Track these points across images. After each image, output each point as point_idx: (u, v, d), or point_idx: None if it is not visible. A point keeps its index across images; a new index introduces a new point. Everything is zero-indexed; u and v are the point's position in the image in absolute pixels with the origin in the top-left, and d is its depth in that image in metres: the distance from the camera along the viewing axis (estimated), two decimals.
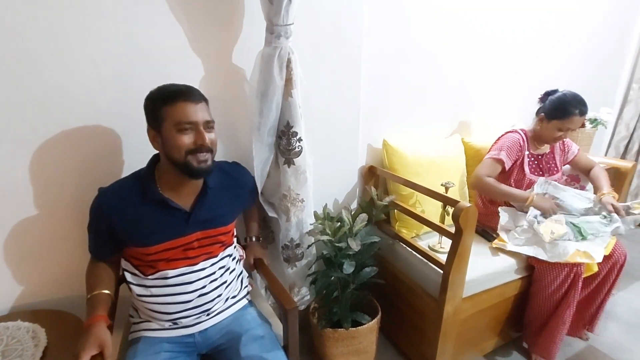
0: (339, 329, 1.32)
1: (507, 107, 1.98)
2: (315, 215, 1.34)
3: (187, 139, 0.84)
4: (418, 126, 1.72)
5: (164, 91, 0.86)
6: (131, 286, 0.94)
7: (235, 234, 1.13)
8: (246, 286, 1.13)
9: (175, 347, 0.92)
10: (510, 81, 1.94)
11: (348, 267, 1.23)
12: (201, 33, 1.11)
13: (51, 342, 0.94)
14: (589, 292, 1.44)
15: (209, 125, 0.89)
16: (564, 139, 1.60)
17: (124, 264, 0.96)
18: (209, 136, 0.87)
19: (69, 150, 1.03)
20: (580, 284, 1.29)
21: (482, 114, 1.91)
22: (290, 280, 1.40)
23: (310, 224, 1.32)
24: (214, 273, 0.97)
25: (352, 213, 1.36)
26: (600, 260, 1.27)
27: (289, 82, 1.05)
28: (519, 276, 1.40)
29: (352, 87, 1.43)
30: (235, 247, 1.12)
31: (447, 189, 1.39)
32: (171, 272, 0.92)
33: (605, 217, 1.41)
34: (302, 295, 1.44)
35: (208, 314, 0.97)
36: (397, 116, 1.64)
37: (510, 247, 1.39)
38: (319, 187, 1.45)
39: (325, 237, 1.28)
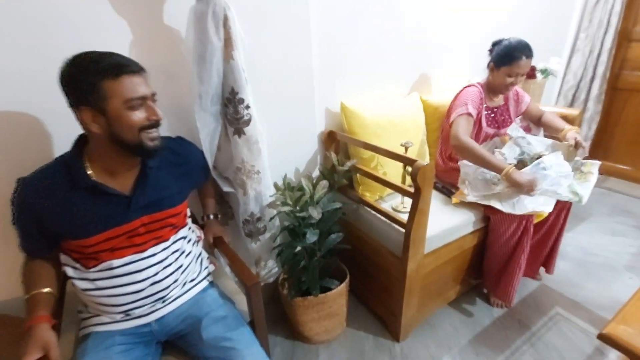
0: (309, 297, 1.33)
1: (463, 62, 1.96)
2: (276, 186, 1.29)
3: (138, 116, 0.77)
4: (376, 87, 1.66)
5: (98, 63, 0.73)
6: (74, 281, 0.86)
7: (189, 214, 1.06)
8: (206, 267, 1.08)
9: (130, 339, 0.87)
10: (464, 36, 1.90)
11: (311, 236, 1.21)
12: None
13: None
14: (541, 236, 1.54)
15: (154, 97, 0.82)
16: (517, 88, 1.62)
17: (64, 258, 0.87)
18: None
19: None
20: (531, 230, 1.36)
21: (439, 70, 1.89)
22: (255, 255, 1.36)
23: (270, 196, 1.27)
24: (166, 258, 0.91)
25: (314, 181, 1.33)
26: (550, 210, 1.34)
27: (228, 42, 0.95)
28: (476, 228, 1.45)
29: (303, 47, 1.33)
30: (190, 228, 1.05)
31: (406, 148, 1.38)
32: (117, 262, 0.84)
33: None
34: (270, 268, 1.42)
35: (164, 301, 0.92)
36: (353, 77, 1.57)
37: (470, 198, 1.42)
38: (276, 157, 1.39)
39: (286, 208, 1.25)
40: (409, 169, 1.18)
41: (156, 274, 0.88)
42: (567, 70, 2.64)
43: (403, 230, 1.23)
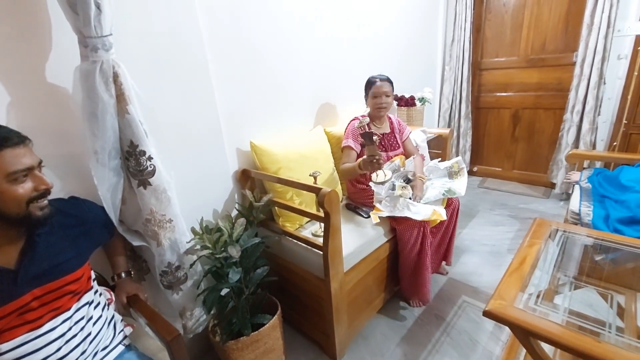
0: (241, 338, 1.31)
1: (355, 95, 2.23)
2: (193, 231, 1.28)
3: (25, 188, 0.74)
4: (282, 124, 1.80)
5: None
6: None
7: (93, 277, 0.99)
8: (121, 331, 1.01)
9: None
10: (355, 72, 2.18)
11: (234, 275, 1.22)
12: None
13: None
14: (441, 236, 1.79)
15: (41, 165, 0.80)
16: (400, 120, 1.93)
17: None
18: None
19: None
20: (429, 234, 1.58)
21: (339, 104, 2.12)
22: (179, 306, 1.31)
23: (187, 242, 1.25)
24: (69, 330, 0.83)
25: (234, 220, 1.35)
26: (446, 218, 1.60)
27: (121, 97, 0.96)
28: (387, 239, 1.63)
29: (205, 94, 1.39)
30: (97, 291, 0.98)
31: (315, 178, 1.50)
32: (6, 346, 0.75)
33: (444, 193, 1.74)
34: (197, 317, 1.37)
35: None
36: (259, 117, 1.68)
37: (385, 213, 1.59)
38: (190, 201, 1.39)
39: (206, 252, 1.24)
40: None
41: (58, 349, 0.80)
42: (441, 97, 3.19)
43: (321, 253, 1.32)
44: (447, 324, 1.64)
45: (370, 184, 1.65)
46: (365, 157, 1.47)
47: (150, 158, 1.04)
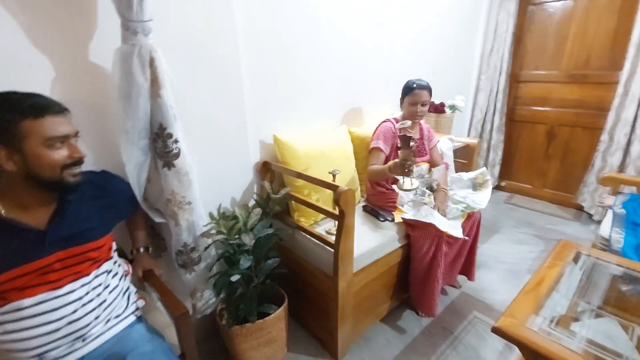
0: (246, 324, 1.34)
1: (386, 97, 2.21)
2: (210, 216, 1.32)
3: (60, 154, 0.80)
4: (307, 120, 1.81)
5: (20, 103, 0.76)
6: None
7: (114, 248, 1.04)
8: (134, 302, 1.06)
9: None
10: (386, 75, 2.17)
11: (245, 262, 1.25)
12: (43, 28, 0.98)
13: None
14: (458, 248, 1.74)
15: (77, 136, 0.86)
16: (430, 128, 1.89)
17: None
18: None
19: None
20: (443, 245, 1.54)
21: (366, 105, 2.11)
22: (191, 286, 1.35)
23: (204, 226, 1.29)
24: (87, 294, 0.89)
25: (250, 210, 1.38)
26: (462, 236, 1.54)
27: (155, 81, 1.00)
28: (401, 244, 1.61)
29: (234, 86, 1.43)
30: (116, 262, 1.03)
31: (334, 176, 1.50)
32: (27, 302, 0.81)
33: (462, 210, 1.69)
34: (206, 299, 1.41)
35: (84, 340, 0.88)
36: (285, 112, 1.70)
37: (410, 215, 1.57)
38: (211, 187, 1.43)
39: (220, 237, 1.28)
40: None
41: (74, 311, 0.85)
42: (474, 106, 3.10)
43: (333, 251, 1.33)
44: (454, 338, 1.59)
45: (395, 187, 1.62)
46: (397, 160, 1.42)
47: (176, 141, 1.09)
